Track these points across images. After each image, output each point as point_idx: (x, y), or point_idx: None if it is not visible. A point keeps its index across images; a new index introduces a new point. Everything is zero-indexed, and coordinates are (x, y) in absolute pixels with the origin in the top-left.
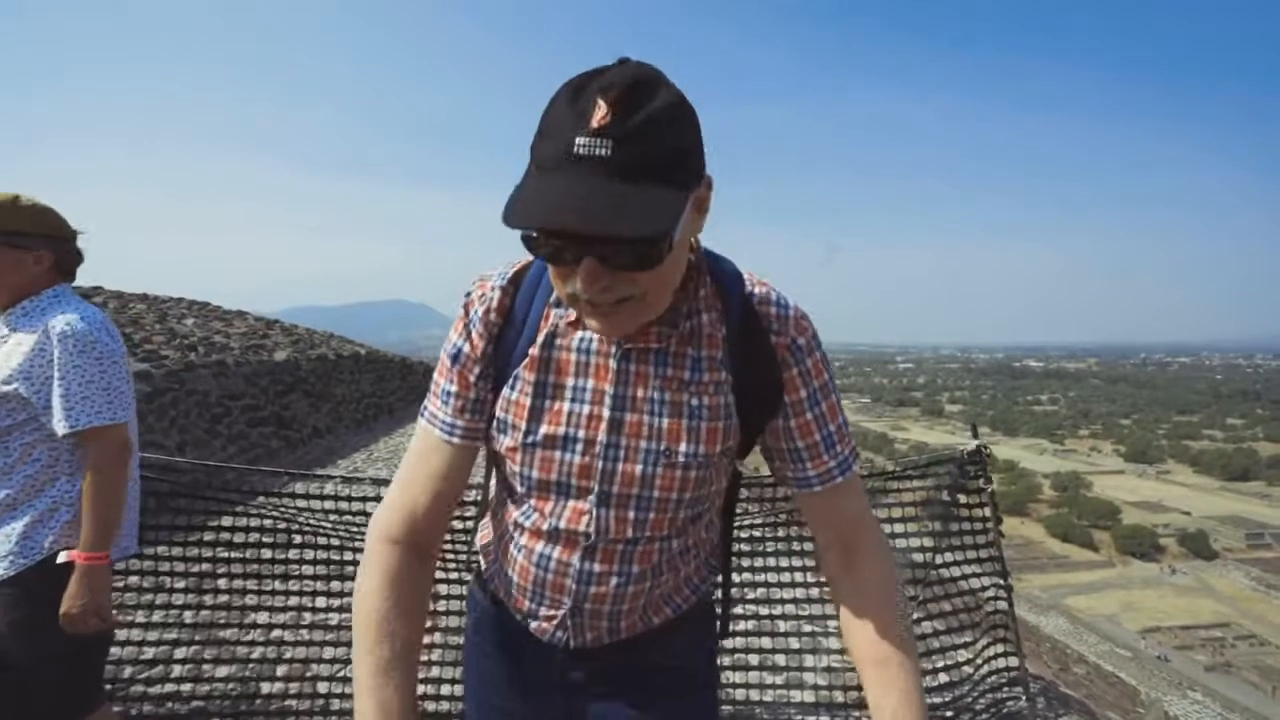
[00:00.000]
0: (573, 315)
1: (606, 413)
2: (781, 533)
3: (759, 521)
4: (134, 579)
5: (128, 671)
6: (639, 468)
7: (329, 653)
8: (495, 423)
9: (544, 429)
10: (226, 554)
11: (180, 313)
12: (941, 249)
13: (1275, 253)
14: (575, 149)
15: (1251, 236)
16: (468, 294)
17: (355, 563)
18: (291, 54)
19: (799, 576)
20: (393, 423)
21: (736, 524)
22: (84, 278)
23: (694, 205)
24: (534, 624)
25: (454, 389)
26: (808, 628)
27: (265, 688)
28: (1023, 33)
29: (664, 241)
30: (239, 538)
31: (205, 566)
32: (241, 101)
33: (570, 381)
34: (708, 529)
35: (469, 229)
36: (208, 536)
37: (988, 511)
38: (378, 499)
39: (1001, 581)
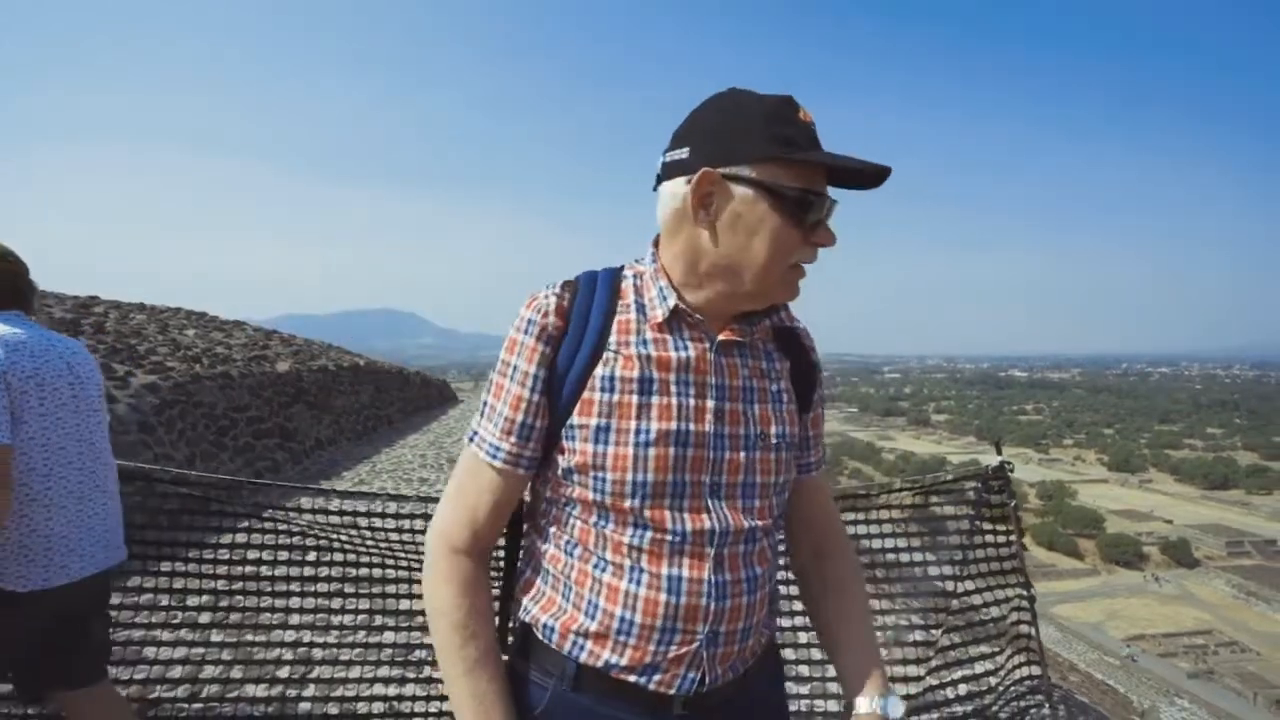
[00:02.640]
0: (662, 315)
1: (711, 403)
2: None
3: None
4: (150, 595)
5: (157, 691)
6: (742, 454)
7: (355, 671)
8: (591, 431)
9: (657, 425)
10: (241, 569)
11: (180, 323)
12: (927, 260)
13: (1253, 265)
14: (816, 134)
15: (1230, 250)
16: (520, 314)
17: (371, 578)
18: (281, 58)
19: None
20: (393, 434)
21: None
22: (79, 287)
23: None
24: (655, 678)
25: (504, 410)
26: None
27: (301, 707)
28: (1007, 45)
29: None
30: (252, 554)
31: (220, 583)
32: (230, 106)
33: (673, 376)
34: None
35: (458, 237)
36: (222, 554)
37: (1011, 525)
38: (396, 515)
39: (1024, 593)
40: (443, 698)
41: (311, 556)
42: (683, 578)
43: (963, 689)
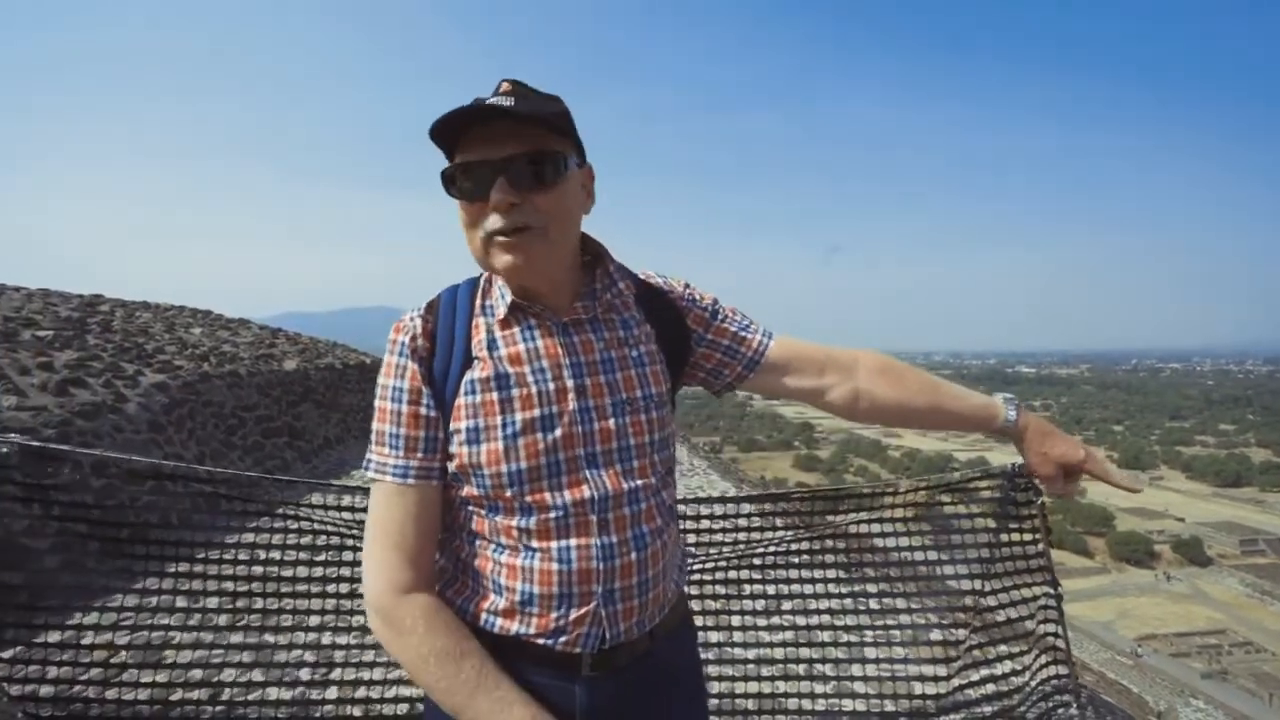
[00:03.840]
0: (502, 313)
1: (571, 382)
2: (807, 545)
3: (788, 535)
4: (168, 597)
5: (178, 694)
6: (611, 421)
7: (378, 673)
8: (464, 434)
9: (520, 415)
10: (261, 569)
11: (186, 321)
12: (933, 255)
13: (1267, 258)
14: (482, 100)
15: (1243, 242)
16: (390, 339)
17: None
18: (275, 60)
19: (831, 588)
20: None
21: (759, 536)
22: (84, 286)
23: (582, 181)
24: (562, 640)
25: (400, 430)
26: (845, 637)
27: (324, 709)
28: (1014, 39)
29: (560, 159)
30: (269, 554)
31: (238, 584)
32: (226, 107)
33: (527, 367)
34: (673, 489)
35: (455, 237)
36: (239, 554)
37: (1038, 523)
38: None
39: (1051, 590)
40: None
41: (329, 556)
42: (571, 546)
43: (989, 689)
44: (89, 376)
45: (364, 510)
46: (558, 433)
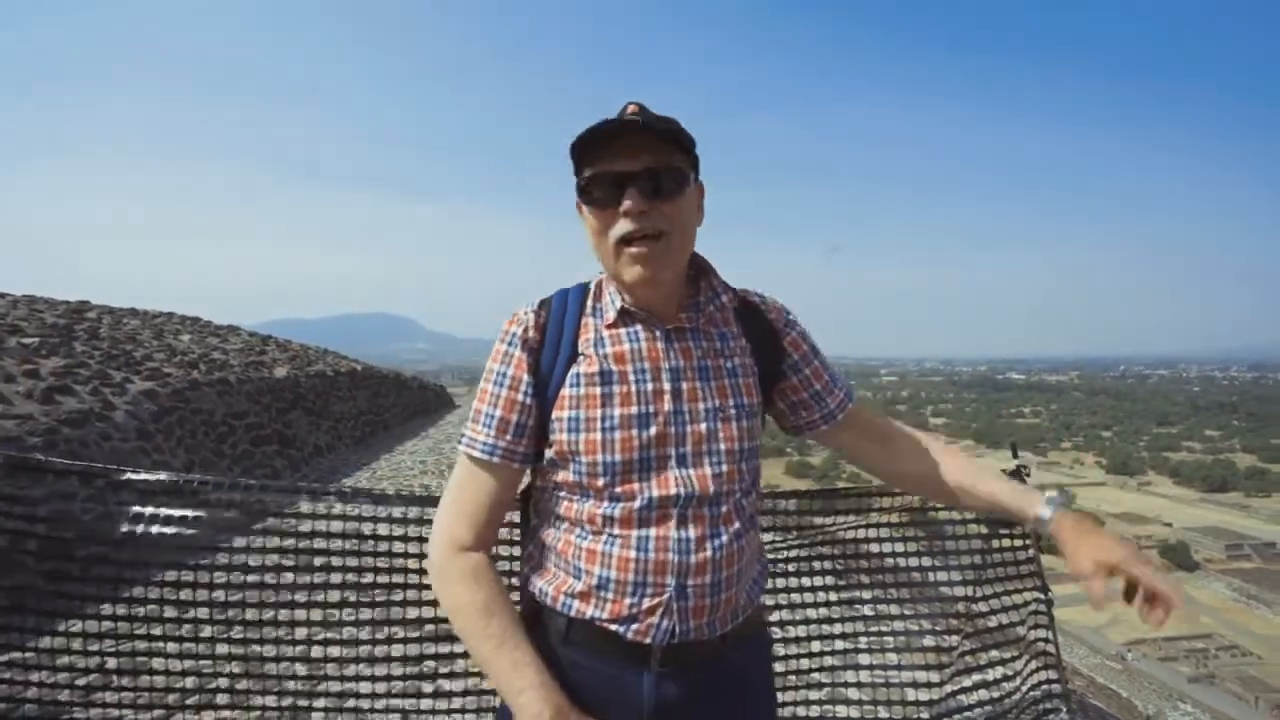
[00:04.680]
0: (611, 316)
1: (668, 385)
2: (798, 551)
3: (780, 541)
4: (154, 607)
5: (171, 698)
6: (703, 426)
7: (365, 686)
8: (565, 423)
9: (619, 411)
10: (243, 577)
11: (174, 328)
12: (924, 263)
13: (1251, 265)
14: (612, 119)
15: (1227, 250)
16: (503, 329)
17: (375, 584)
18: (273, 62)
19: (821, 596)
20: (391, 439)
21: None
22: (70, 292)
23: (697, 197)
24: (633, 628)
25: (497, 412)
26: (838, 644)
27: (313, 717)
28: (1013, 39)
29: (684, 174)
30: (255, 560)
31: (226, 593)
32: (222, 110)
33: (629, 366)
34: (757, 501)
35: (454, 242)
36: (222, 560)
37: (1028, 528)
38: (404, 519)
39: (1042, 596)
40: (452, 712)
41: (319, 561)
42: (650, 537)
43: (981, 694)
44: (76, 384)
45: (354, 519)
46: (652, 430)
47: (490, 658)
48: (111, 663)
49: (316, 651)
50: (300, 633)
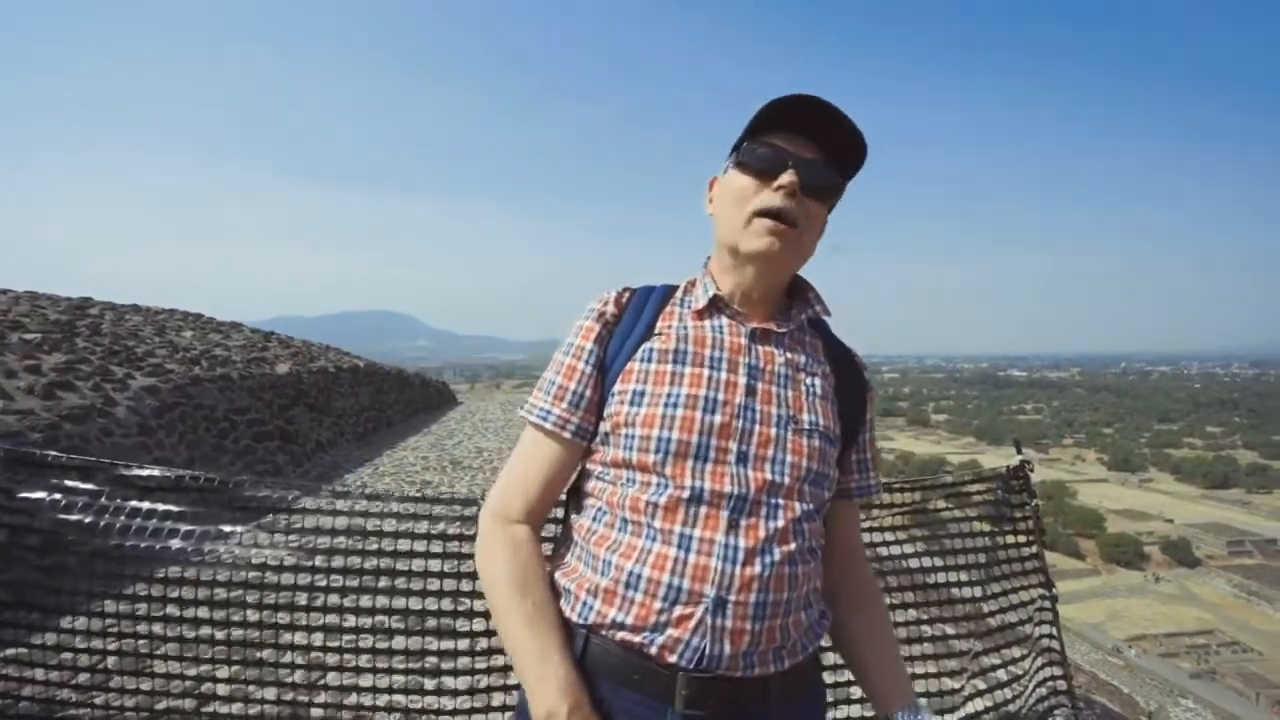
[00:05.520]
0: (702, 303)
1: (743, 379)
2: None
3: None
4: (158, 605)
5: (164, 703)
6: (772, 430)
7: (366, 679)
8: (629, 395)
9: (686, 390)
10: (245, 575)
11: (176, 325)
12: (925, 260)
13: (1251, 262)
14: (804, 97)
15: (1228, 247)
16: (587, 307)
17: (377, 587)
18: (274, 58)
19: None
20: (394, 435)
21: None
22: (73, 289)
23: (825, 218)
24: (658, 640)
25: (558, 379)
26: None
27: (313, 714)
28: (1003, 42)
29: (840, 187)
30: (257, 556)
31: (226, 591)
32: (222, 108)
33: (707, 352)
34: (821, 538)
35: (455, 239)
36: (222, 555)
37: (1032, 525)
38: (397, 515)
39: (1046, 593)
40: (456, 712)
41: (320, 559)
42: (694, 536)
43: (986, 691)
44: (77, 380)
45: (360, 515)
46: (717, 417)
47: (518, 636)
48: (111, 661)
49: (317, 646)
50: (299, 632)
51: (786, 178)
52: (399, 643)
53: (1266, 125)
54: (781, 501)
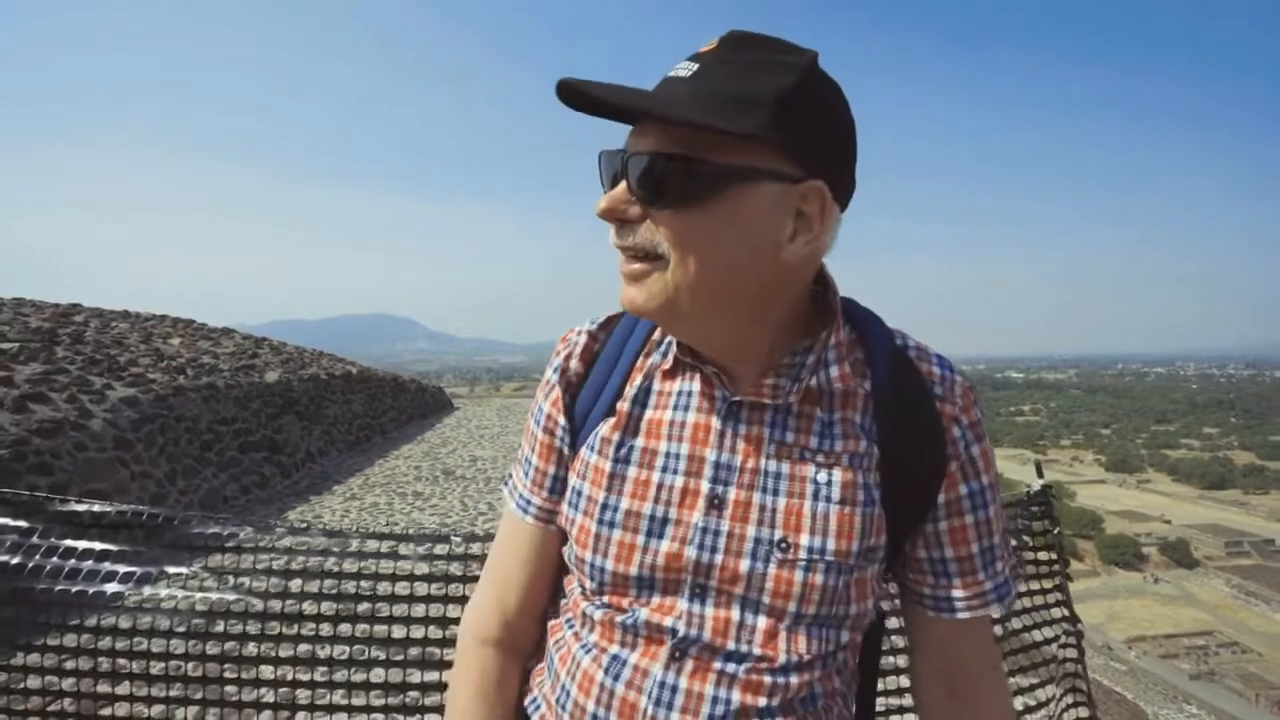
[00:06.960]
0: (669, 363)
1: (705, 486)
2: None
3: None
4: (124, 638)
5: None
6: (744, 563)
7: (340, 717)
8: (571, 492)
9: (625, 503)
10: (230, 596)
11: (165, 331)
12: (922, 262)
13: (1246, 264)
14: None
15: (1224, 248)
16: (555, 349)
17: (356, 614)
18: (269, 60)
19: None
20: (386, 444)
21: None
22: (62, 296)
23: (780, 204)
24: None
25: (533, 459)
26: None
27: None
28: (1002, 43)
29: (703, 168)
30: (229, 580)
31: (196, 622)
32: (217, 111)
33: (662, 444)
34: (840, 676)
35: (454, 242)
36: (191, 584)
37: (1054, 554)
38: (377, 553)
39: (1070, 627)
40: None
41: (295, 584)
42: (627, 663)
43: None
44: (52, 391)
45: (337, 534)
46: (663, 546)
47: None
48: (58, 704)
49: (289, 675)
50: (269, 660)
51: (601, 203)
52: (377, 674)
53: (1266, 123)
54: (756, 648)
